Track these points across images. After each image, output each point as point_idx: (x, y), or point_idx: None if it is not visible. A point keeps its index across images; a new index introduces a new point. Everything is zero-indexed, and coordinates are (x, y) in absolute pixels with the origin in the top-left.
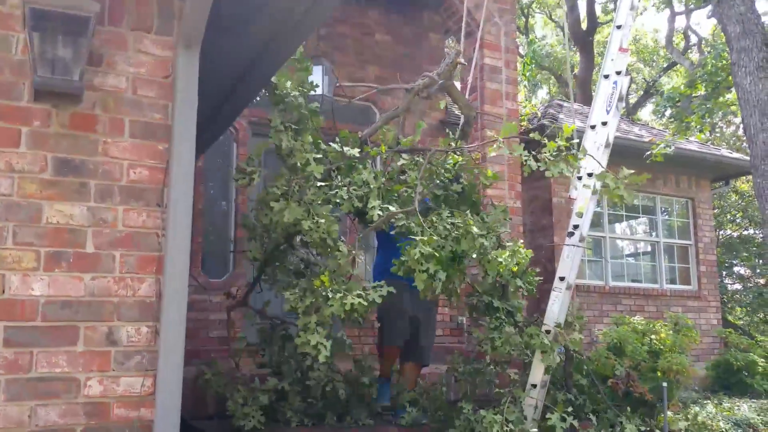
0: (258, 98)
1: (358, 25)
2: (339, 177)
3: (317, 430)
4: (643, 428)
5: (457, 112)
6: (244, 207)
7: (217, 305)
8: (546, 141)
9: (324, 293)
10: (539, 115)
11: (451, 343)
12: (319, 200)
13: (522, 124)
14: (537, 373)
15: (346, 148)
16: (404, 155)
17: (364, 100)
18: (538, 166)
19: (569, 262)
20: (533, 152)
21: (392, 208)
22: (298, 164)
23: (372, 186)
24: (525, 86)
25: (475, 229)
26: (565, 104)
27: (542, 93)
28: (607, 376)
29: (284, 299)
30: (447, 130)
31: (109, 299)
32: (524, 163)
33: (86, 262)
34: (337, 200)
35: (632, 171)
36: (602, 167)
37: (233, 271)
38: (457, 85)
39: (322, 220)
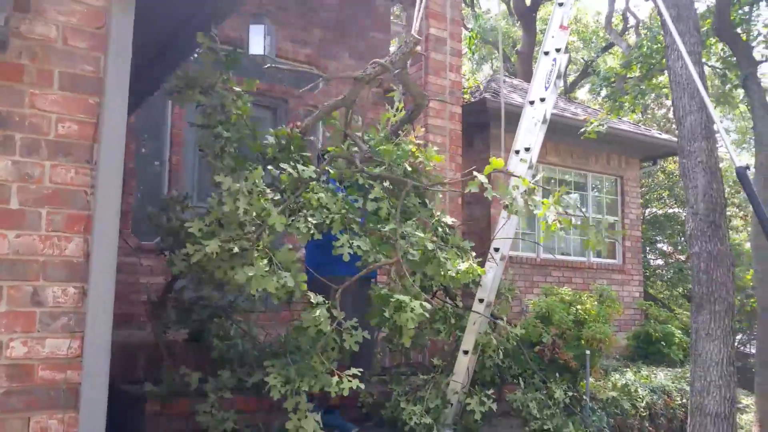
0: (195, 55)
1: None
2: (286, 194)
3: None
4: (570, 393)
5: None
6: (178, 168)
7: (147, 269)
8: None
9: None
10: (482, 88)
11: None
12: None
13: (465, 97)
14: (470, 339)
15: (301, 168)
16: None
17: (306, 64)
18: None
19: (504, 235)
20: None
21: (363, 245)
22: (245, 215)
23: (333, 209)
24: (470, 60)
25: (430, 245)
26: (507, 79)
27: (487, 68)
28: (534, 343)
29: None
30: (387, 106)
31: (34, 258)
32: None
33: (10, 219)
34: (294, 231)
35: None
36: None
37: None
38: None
39: (286, 275)
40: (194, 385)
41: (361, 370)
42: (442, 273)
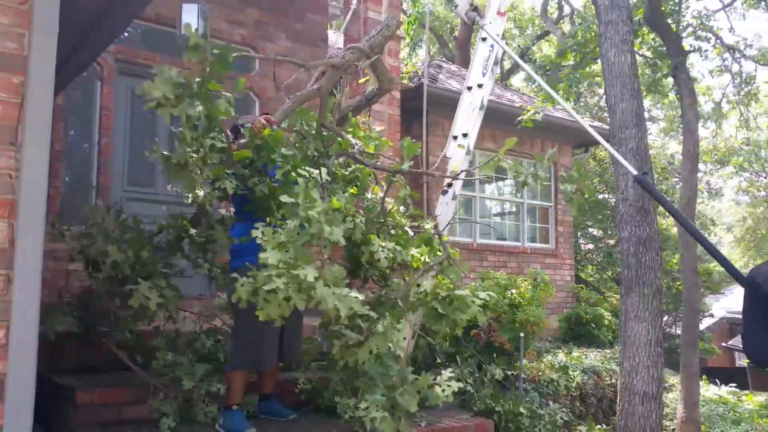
0: (126, 34)
1: None
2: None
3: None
4: (508, 373)
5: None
6: (108, 151)
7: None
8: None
9: None
10: (420, 74)
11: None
12: None
13: (403, 82)
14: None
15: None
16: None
17: (242, 44)
18: None
19: (442, 219)
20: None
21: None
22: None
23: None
24: (408, 45)
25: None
26: (445, 65)
27: (423, 53)
28: (470, 326)
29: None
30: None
31: None
32: None
33: None
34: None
35: None
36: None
37: None
38: (341, 36)
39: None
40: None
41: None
42: (377, 258)
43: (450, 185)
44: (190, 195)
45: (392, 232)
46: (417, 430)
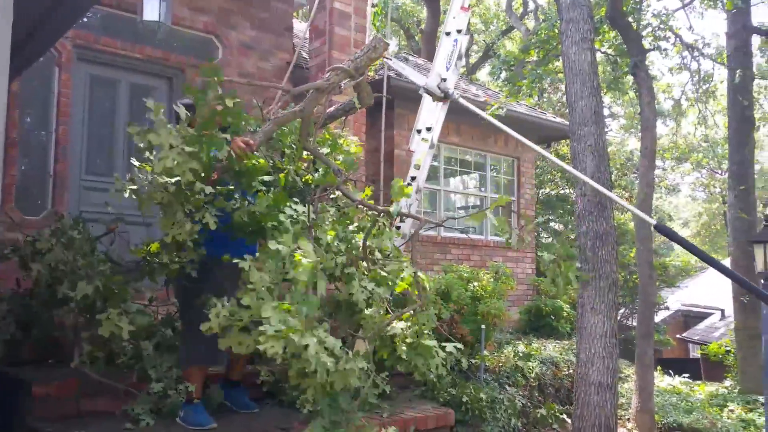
0: (85, 20)
1: None
2: None
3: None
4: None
5: (304, 54)
6: (65, 139)
7: None
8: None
9: None
10: (386, 66)
11: None
12: None
13: (369, 74)
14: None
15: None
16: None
17: (205, 32)
18: None
19: (406, 212)
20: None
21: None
22: None
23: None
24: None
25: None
26: (411, 58)
27: (391, 46)
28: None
29: None
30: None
31: None
32: None
33: None
34: None
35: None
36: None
37: (51, 209)
38: (305, 25)
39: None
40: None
41: None
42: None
43: (413, 178)
44: (169, 233)
45: (372, 268)
46: (378, 421)
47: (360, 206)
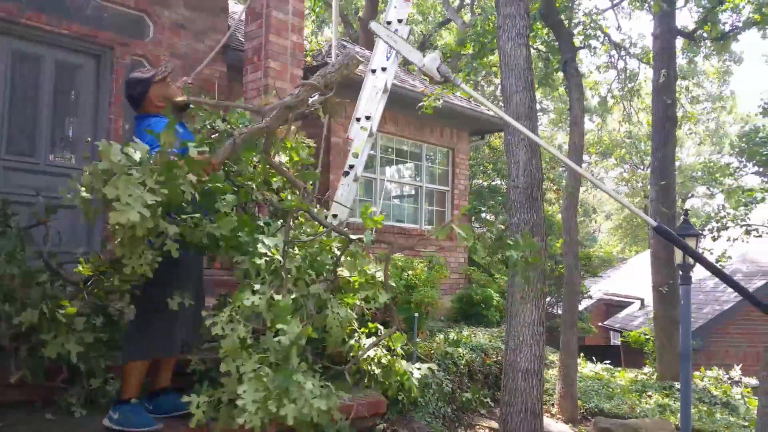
0: None
1: None
2: None
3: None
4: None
5: (240, 37)
6: None
7: None
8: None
9: None
10: (324, 53)
11: (221, 276)
12: None
13: (306, 60)
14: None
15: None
16: None
17: (136, 10)
18: None
19: (344, 200)
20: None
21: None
22: None
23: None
24: (313, 22)
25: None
26: (349, 45)
27: (328, 32)
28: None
29: None
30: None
31: None
32: None
33: None
34: None
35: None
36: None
37: None
38: (241, 8)
39: None
40: None
41: None
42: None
43: (352, 167)
44: (127, 264)
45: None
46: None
47: (334, 232)
